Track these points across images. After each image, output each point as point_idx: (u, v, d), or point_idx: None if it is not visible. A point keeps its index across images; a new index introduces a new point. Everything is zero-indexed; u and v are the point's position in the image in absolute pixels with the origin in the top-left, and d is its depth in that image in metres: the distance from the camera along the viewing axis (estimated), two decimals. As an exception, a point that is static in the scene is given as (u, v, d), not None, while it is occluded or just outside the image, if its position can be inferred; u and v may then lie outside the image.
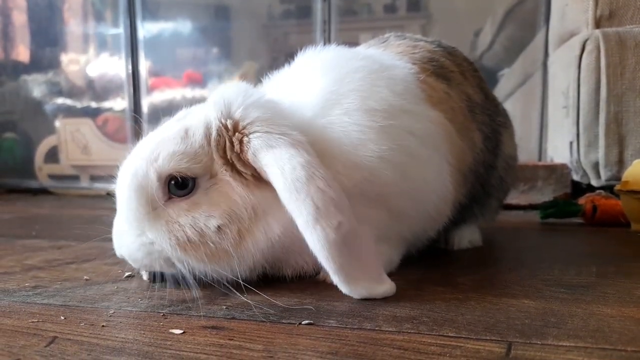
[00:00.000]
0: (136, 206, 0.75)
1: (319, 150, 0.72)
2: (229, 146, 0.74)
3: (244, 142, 0.73)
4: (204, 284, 0.75)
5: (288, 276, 0.81)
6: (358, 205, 0.73)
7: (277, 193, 0.69)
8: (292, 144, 0.70)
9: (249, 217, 0.72)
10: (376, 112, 0.77)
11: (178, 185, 0.74)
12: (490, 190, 1.03)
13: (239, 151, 0.73)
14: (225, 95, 0.76)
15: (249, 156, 0.72)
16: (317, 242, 0.65)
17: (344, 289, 0.69)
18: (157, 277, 0.79)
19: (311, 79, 0.82)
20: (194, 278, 0.75)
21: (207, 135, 0.75)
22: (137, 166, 0.75)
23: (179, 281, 0.76)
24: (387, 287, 0.71)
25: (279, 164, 0.68)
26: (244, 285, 0.74)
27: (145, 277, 0.84)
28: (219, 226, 0.72)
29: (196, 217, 0.73)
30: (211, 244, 0.72)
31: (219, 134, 0.74)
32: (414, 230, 0.86)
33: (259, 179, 0.73)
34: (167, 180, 0.74)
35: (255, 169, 0.73)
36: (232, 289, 0.73)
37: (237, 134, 0.74)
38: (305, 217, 0.65)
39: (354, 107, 0.77)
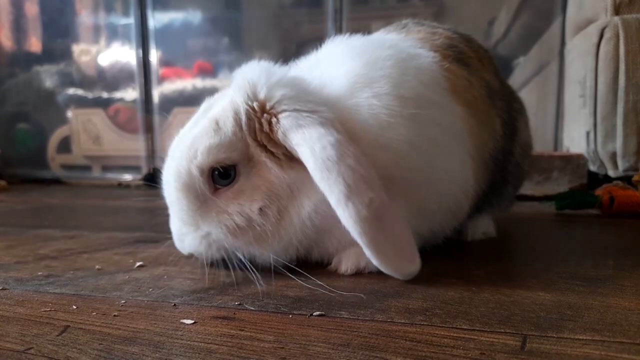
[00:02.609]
0: (187, 204, 0.78)
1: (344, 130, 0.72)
2: (258, 127, 0.75)
3: (273, 122, 0.73)
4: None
5: (314, 258, 0.82)
6: None
7: (308, 172, 0.70)
8: (321, 122, 0.70)
9: (287, 195, 0.75)
10: (407, 100, 0.77)
11: (221, 175, 0.77)
12: (508, 177, 1.02)
13: (268, 131, 0.74)
14: (248, 77, 0.77)
15: (279, 136, 0.73)
16: (349, 219, 0.67)
17: (375, 262, 0.70)
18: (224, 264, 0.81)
19: (340, 62, 0.82)
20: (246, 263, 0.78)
21: (238, 121, 0.76)
22: (179, 166, 0.78)
23: (237, 266, 0.79)
24: (416, 267, 0.73)
25: (309, 144, 0.69)
26: (256, 275, 0.74)
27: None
28: (260, 208, 0.75)
29: (242, 203, 0.76)
30: (257, 227, 0.76)
31: (248, 118, 0.75)
32: (432, 226, 0.85)
33: (290, 158, 0.74)
34: (209, 173, 0.77)
35: (286, 148, 0.74)
36: (284, 270, 0.76)
37: (265, 114, 0.75)
38: (337, 195, 0.67)
39: (384, 91, 0.77)
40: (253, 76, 0.77)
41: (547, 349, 0.50)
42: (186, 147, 0.78)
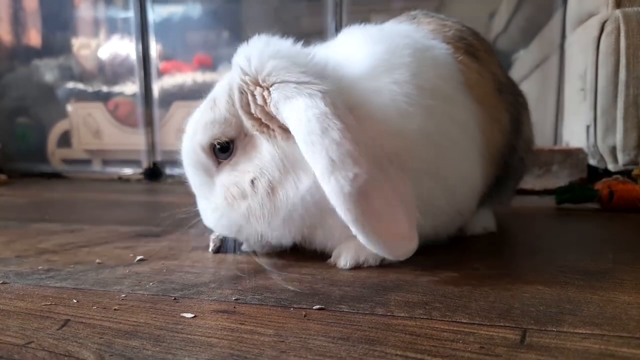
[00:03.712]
0: (199, 179, 0.83)
1: (361, 112, 0.71)
2: (252, 100, 0.75)
3: (265, 95, 0.73)
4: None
5: (319, 240, 0.82)
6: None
7: None
8: (310, 93, 0.68)
9: (278, 169, 0.75)
10: (424, 90, 0.76)
11: (221, 150, 0.80)
12: (510, 172, 1.01)
13: (262, 104, 0.74)
14: (246, 51, 0.77)
15: (272, 109, 0.73)
16: (332, 194, 0.65)
17: (362, 240, 0.67)
18: (227, 249, 0.88)
19: (360, 46, 0.81)
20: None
21: (231, 96, 0.78)
22: (186, 145, 0.83)
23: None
24: (410, 247, 0.69)
25: (296, 116, 0.68)
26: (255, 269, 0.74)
27: (210, 249, 0.90)
28: (252, 180, 0.76)
29: (237, 175, 0.78)
30: (249, 199, 0.77)
31: (240, 92, 0.76)
32: (437, 224, 0.83)
33: (287, 131, 0.73)
34: (210, 149, 0.80)
35: (280, 121, 0.73)
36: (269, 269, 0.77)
37: (258, 87, 0.74)
38: (320, 169, 0.65)
39: (404, 79, 0.76)
40: (250, 50, 0.77)
41: (546, 342, 0.50)
42: (190, 126, 0.83)
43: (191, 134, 0.82)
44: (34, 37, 2.88)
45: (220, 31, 2.64)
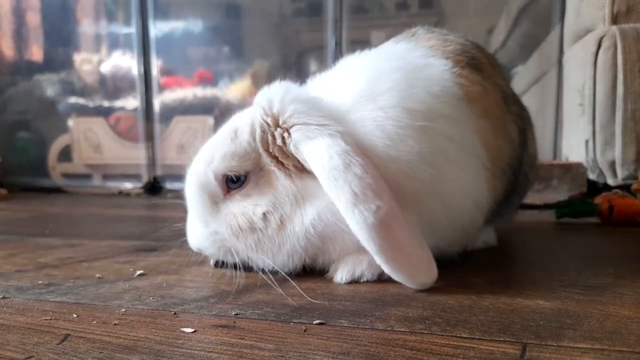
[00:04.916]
0: (200, 202, 0.85)
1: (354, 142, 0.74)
2: (271, 140, 0.79)
3: (285, 136, 0.77)
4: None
5: (319, 265, 0.83)
6: None
7: (316, 181, 0.73)
8: (330, 134, 0.73)
9: (290, 203, 0.78)
10: (416, 113, 0.78)
11: (232, 181, 0.83)
12: (516, 186, 1.01)
13: (281, 144, 0.78)
14: (267, 94, 0.82)
15: (291, 148, 0.77)
16: (356, 225, 0.69)
17: (385, 269, 0.72)
18: (220, 264, 0.89)
19: (347, 80, 0.84)
20: (246, 267, 0.84)
21: (252, 132, 0.81)
22: (198, 168, 0.85)
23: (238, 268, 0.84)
24: (430, 277, 0.73)
25: (318, 155, 0.72)
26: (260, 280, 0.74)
27: (211, 263, 0.92)
28: (264, 213, 0.80)
29: (246, 206, 0.81)
30: (258, 231, 0.80)
31: (262, 130, 0.80)
32: (439, 241, 0.83)
33: (300, 169, 0.78)
34: (223, 178, 0.83)
35: (297, 160, 0.77)
36: (272, 281, 0.77)
37: (278, 128, 0.78)
38: (344, 202, 0.70)
39: (391, 104, 0.78)
40: (272, 93, 0.81)
41: (546, 357, 0.50)
42: (207, 151, 0.85)
43: (208, 159, 0.83)
44: (36, 52, 2.91)
45: (221, 47, 2.67)
